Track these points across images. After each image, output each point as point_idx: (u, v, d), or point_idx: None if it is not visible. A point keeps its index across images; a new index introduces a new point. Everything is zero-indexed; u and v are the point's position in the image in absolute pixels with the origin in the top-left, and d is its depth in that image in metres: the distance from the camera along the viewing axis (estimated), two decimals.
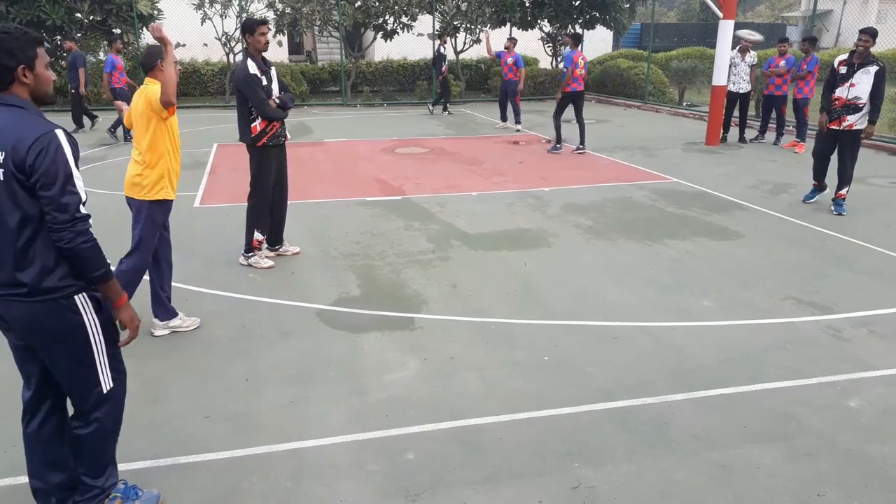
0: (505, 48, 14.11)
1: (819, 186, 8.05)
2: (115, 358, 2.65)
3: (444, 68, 16.61)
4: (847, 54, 7.54)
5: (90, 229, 2.40)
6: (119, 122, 12.25)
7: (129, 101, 13.05)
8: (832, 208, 7.73)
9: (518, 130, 14.00)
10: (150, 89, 4.22)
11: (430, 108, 17.30)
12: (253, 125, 5.51)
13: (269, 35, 5.43)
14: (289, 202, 6.10)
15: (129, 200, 4.35)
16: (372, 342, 4.47)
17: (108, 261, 2.50)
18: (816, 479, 3.11)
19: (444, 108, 17.05)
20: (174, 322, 4.56)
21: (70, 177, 2.32)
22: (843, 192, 7.67)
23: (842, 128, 7.51)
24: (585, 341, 4.48)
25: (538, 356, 4.27)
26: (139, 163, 4.27)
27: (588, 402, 3.73)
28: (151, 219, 4.30)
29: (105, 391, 2.62)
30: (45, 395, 2.65)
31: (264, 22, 5.54)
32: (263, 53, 5.52)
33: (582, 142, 11.48)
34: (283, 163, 5.89)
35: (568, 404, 3.71)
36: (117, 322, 2.60)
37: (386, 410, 3.65)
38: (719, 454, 3.28)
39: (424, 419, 3.56)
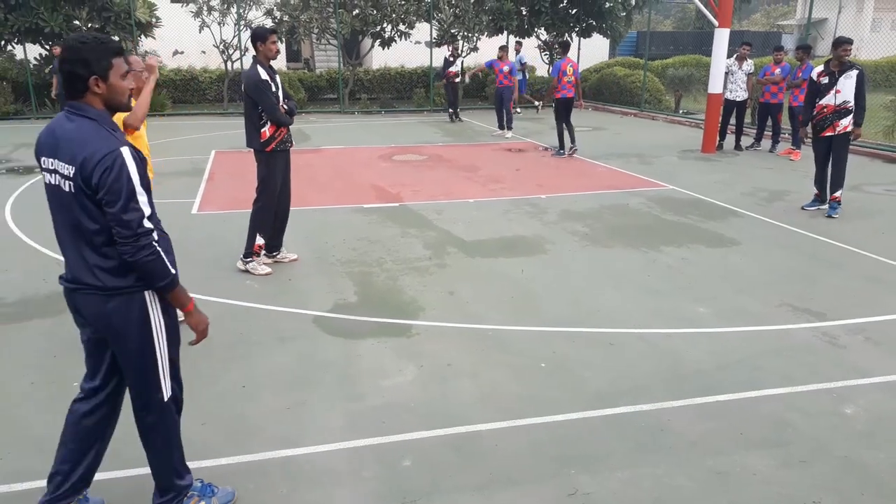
0: (498, 57, 14.18)
1: (820, 197, 8.15)
2: (175, 366, 2.74)
3: (450, 72, 16.43)
4: (823, 65, 7.84)
5: (154, 242, 2.44)
6: None
7: None
8: (826, 210, 7.88)
9: (508, 137, 14.03)
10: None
11: (451, 116, 17.01)
12: (262, 130, 5.56)
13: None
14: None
15: None
16: (369, 348, 4.48)
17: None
18: (812, 485, 3.11)
19: (453, 115, 16.94)
20: None
21: (133, 193, 2.37)
22: (838, 194, 7.86)
23: (836, 133, 7.74)
24: (582, 348, 4.49)
25: (535, 362, 4.27)
26: None
27: (584, 409, 3.74)
28: None
29: (165, 398, 2.69)
30: (106, 386, 2.74)
31: (275, 31, 5.62)
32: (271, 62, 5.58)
33: (573, 141, 11.84)
34: (288, 169, 5.94)
35: (564, 410, 3.72)
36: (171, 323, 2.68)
37: (382, 417, 3.65)
38: (715, 461, 3.29)
39: (421, 425, 3.57)
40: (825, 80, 7.72)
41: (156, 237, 2.45)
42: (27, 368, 4.16)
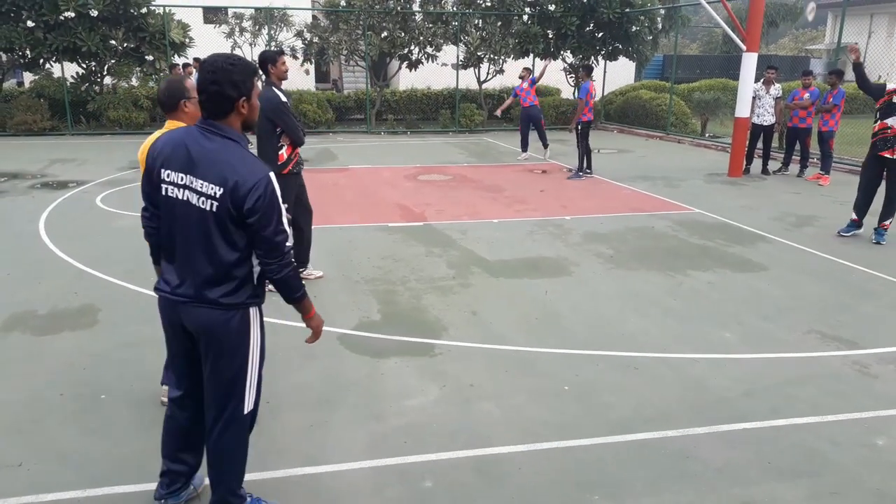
0: (520, 77, 14.04)
1: (858, 223, 7.96)
2: (260, 384, 2.80)
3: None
4: None
5: (293, 260, 2.61)
6: None
7: None
8: (872, 237, 7.75)
9: (546, 157, 13.96)
10: None
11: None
12: (280, 153, 5.63)
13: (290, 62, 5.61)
14: (312, 227, 6.17)
15: None
16: (392, 367, 4.48)
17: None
18: None
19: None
20: None
21: (281, 217, 2.51)
22: (888, 222, 7.67)
23: (894, 157, 7.48)
24: (605, 371, 4.46)
25: (558, 385, 4.24)
26: None
27: (608, 434, 3.70)
28: None
29: (245, 411, 2.75)
30: (193, 399, 2.83)
31: (283, 52, 5.74)
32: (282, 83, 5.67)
33: (589, 166, 12.03)
34: (304, 188, 5.99)
35: (588, 435, 3.69)
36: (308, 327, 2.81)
37: (405, 437, 3.65)
38: (741, 490, 3.23)
39: (443, 446, 3.55)
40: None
41: (293, 254, 2.58)
42: (57, 380, 4.23)
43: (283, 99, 5.52)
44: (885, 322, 5.39)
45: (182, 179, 2.46)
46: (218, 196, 2.41)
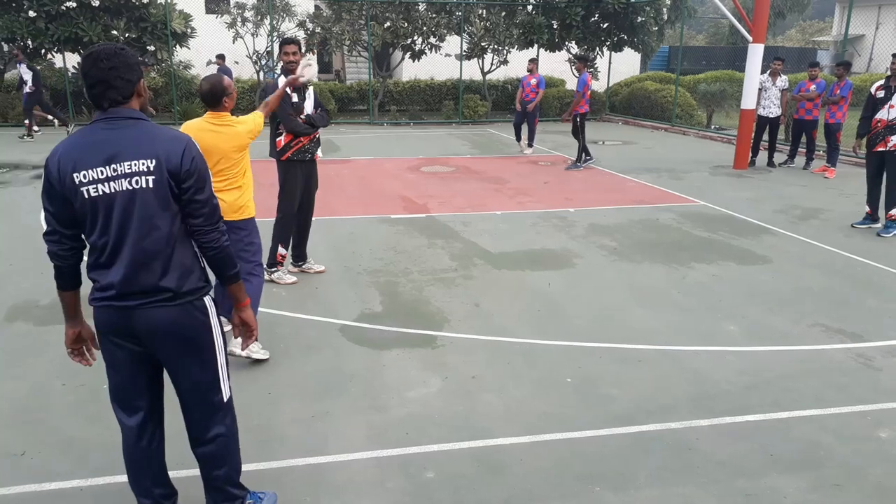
0: (528, 70, 13.98)
1: (872, 216, 8.01)
2: (228, 365, 2.73)
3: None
4: (884, 79, 7.77)
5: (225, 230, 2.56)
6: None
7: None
8: (879, 231, 7.79)
9: (525, 153, 13.89)
10: (236, 130, 4.22)
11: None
12: (278, 139, 5.61)
13: (298, 56, 5.47)
14: (314, 218, 6.14)
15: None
16: (393, 359, 4.48)
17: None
18: None
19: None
20: None
21: (210, 180, 2.50)
22: (894, 212, 7.71)
23: (888, 148, 7.62)
24: (608, 363, 4.44)
25: (560, 377, 4.23)
26: (238, 188, 4.38)
27: (610, 426, 3.69)
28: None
29: (225, 399, 2.69)
30: (154, 415, 2.71)
31: (290, 41, 5.55)
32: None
33: (588, 153, 12.09)
34: (312, 180, 5.92)
35: (590, 427, 3.68)
36: (235, 323, 2.72)
37: (406, 428, 3.64)
38: (744, 482, 3.22)
39: (445, 438, 3.55)
40: (881, 94, 7.63)
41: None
42: (58, 371, 4.23)
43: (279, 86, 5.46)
44: (890, 315, 5.36)
45: (103, 173, 2.33)
46: (153, 168, 2.35)
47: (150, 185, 2.36)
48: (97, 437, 3.52)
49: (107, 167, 2.34)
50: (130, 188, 2.34)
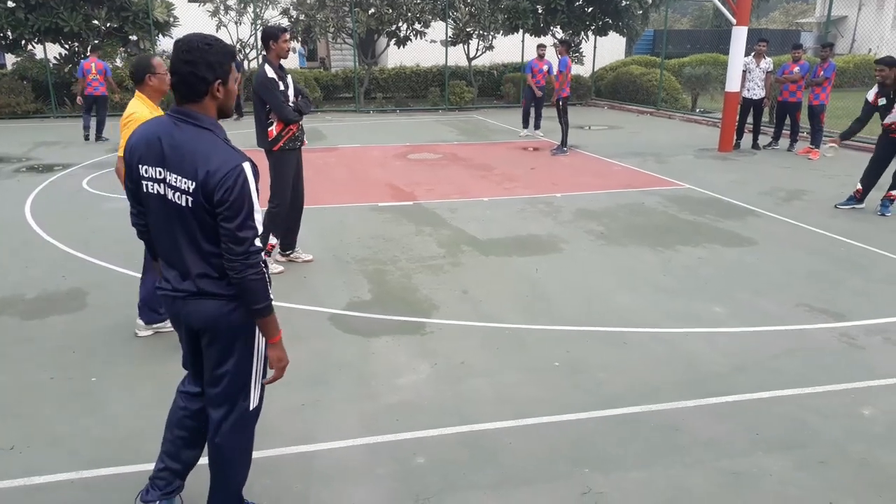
0: (539, 56, 13.92)
1: (859, 197, 8.07)
2: (263, 377, 2.66)
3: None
4: (875, 88, 7.81)
5: (261, 262, 2.37)
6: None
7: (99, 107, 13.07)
8: (877, 209, 7.89)
9: (540, 136, 14.01)
10: (125, 120, 4.15)
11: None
12: (269, 129, 5.57)
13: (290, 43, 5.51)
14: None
15: None
16: (383, 346, 4.49)
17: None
18: (828, 487, 3.09)
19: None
20: (158, 324, 4.60)
21: (251, 212, 2.30)
22: (895, 192, 7.83)
23: None
24: (596, 347, 4.48)
25: (549, 362, 4.27)
26: None
27: (598, 408, 3.73)
28: None
29: (251, 408, 2.64)
30: (200, 395, 2.74)
31: (286, 29, 5.63)
32: (282, 61, 5.59)
33: (565, 143, 12.10)
34: (300, 167, 5.94)
35: (578, 410, 3.71)
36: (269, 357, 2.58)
37: (396, 414, 3.66)
38: (730, 461, 3.27)
39: (434, 423, 3.57)
40: (882, 101, 7.72)
41: (263, 256, 2.39)
42: (46, 364, 4.22)
43: (270, 75, 5.44)
44: (873, 294, 5.43)
45: (160, 174, 2.34)
46: (191, 190, 2.27)
47: (189, 205, 2.30)
48: (87, 430, 3.51)
49: (161, 170, 2.34)
50: (175, 201, 2.33)
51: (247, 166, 2.30)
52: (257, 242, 2.34)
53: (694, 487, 3.08)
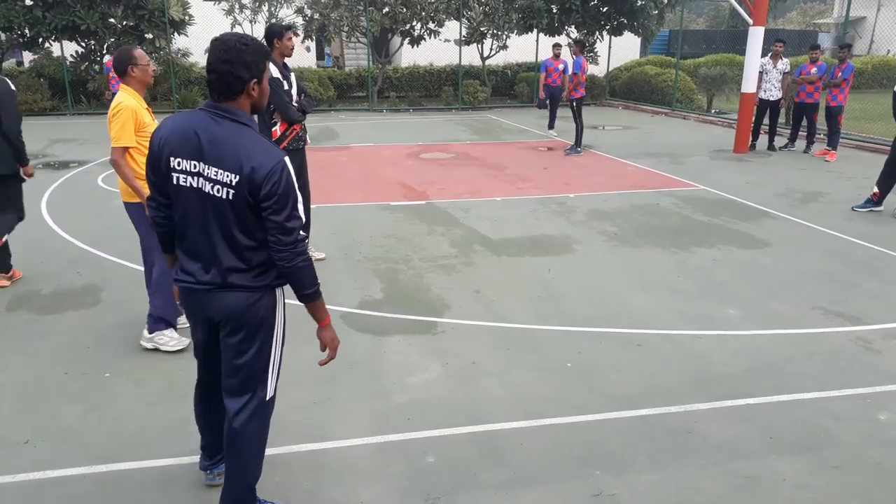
0: (555, 55, 13.90)
1: (876, 200, 7.96)
2: (280, 368, 2.73)
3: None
4: None
5: (307, 249, 2.48)
6: None
7: None
8: (895, 212, 7.82)
9: (553, 135, 14.01)
10: (111, 112, 4.14)
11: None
12: (273, 129, 5.57)
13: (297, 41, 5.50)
14: (314, 206, 6.14)
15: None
16: (394, 345, 4.49)
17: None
18: (843, 492, 3.05)
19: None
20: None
21: (296, 203, 2.40)
22: None
23: None
24: (609, 348, 4.45)
25: (560, 362, 4.25)
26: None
27: (610, 410, 3.71)
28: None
29: (268, 397, 2.69)
30: (208, 386, 2.82)
31: (290, 27, 5.61)
32: (285, 59, 5.58)
33: (579, 144, 12.05)
34: (304, 167, 5.92)
35: (590, 411, 3.69)
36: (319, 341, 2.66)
37: (407, 413, 3.66)
38: (743, 464, 3.24)
39: (445, 423, 3.57)
40: None
41: (308, 244, 2.45)
42: (61, 359, 4.25)
43: (276, 75, 5.43)
44: (889, 298, 5.37)
45: (195, 167, 2.38)
46: (234, 184, 2.33)
47: (230, 197, 2.35)
48: (100, 425, 3.54)
49: (198, 163, 2.37)
50: (212, 194, 2.37)
51: (287, 161, 2.39)
52: (303, 231, 2.44)
53: (706, 490, 3.05)
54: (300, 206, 2.42)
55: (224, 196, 2.36)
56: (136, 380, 4.01)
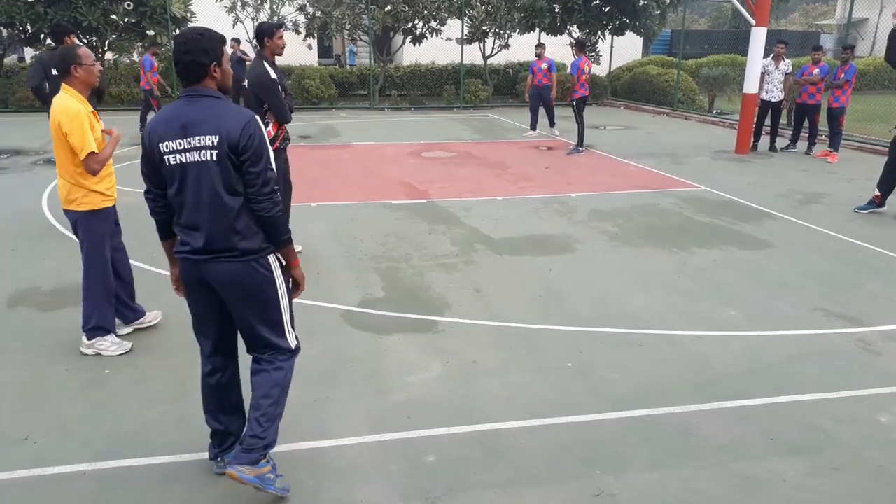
0: (537, 55, 13.96)
1: (879, 201, 7.95)
2: (294, 319, 2.98)
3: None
4: None
5: (280, 200, 2.76)
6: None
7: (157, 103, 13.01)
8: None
9: (556, 134, 14.00)
10: (55, 113, 3.90)
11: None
12: (267, 130, 5.56)
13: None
14: (315, 204, 6.14)
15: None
16: (395, 344, 4.49)
17: None
18: (843, 493, 3.05)
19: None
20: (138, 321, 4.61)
21: (269, 157, 2.73)
22: None
23: None
24: (609, 348, 4.45)
25: (561, 362, 4.25)
26: (70, 179, 4.18)
27: (611, 410, 3.71)
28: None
29: (292, 347, 2.96)
30: (223, 354, 3.01)
31: (282, 25, 5.61)
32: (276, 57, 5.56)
33: (580, 144, 12.01)
34: (287, 166, 5.94)
35: (590, 411, 3.69)
36: (290, 280, 2.96)
37: (407, 412, 3.66)
38: (743, 465, 3.24)
39: (445, 422, 3.57)
40: None
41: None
42: (62, 356, 4.25)
43: (273, 76, 5.41)
44: (891, 299, 5.36)
45: (181, 144, 2.65)
46: (216, 143, 2.62)
47: (214, 158, 2.63)
48: (101, 422, 3.54)
49: (183, 140, 2.65)
50: (199, 160, 2.65)
51: (257, 118, 2.73)
52: (277, 185, 2.74)
53: (706, 491, 3.05)
54: (273, 163, 2.75)
55: (209, 158, 2.64)
56: (138, 377, 4.01)
